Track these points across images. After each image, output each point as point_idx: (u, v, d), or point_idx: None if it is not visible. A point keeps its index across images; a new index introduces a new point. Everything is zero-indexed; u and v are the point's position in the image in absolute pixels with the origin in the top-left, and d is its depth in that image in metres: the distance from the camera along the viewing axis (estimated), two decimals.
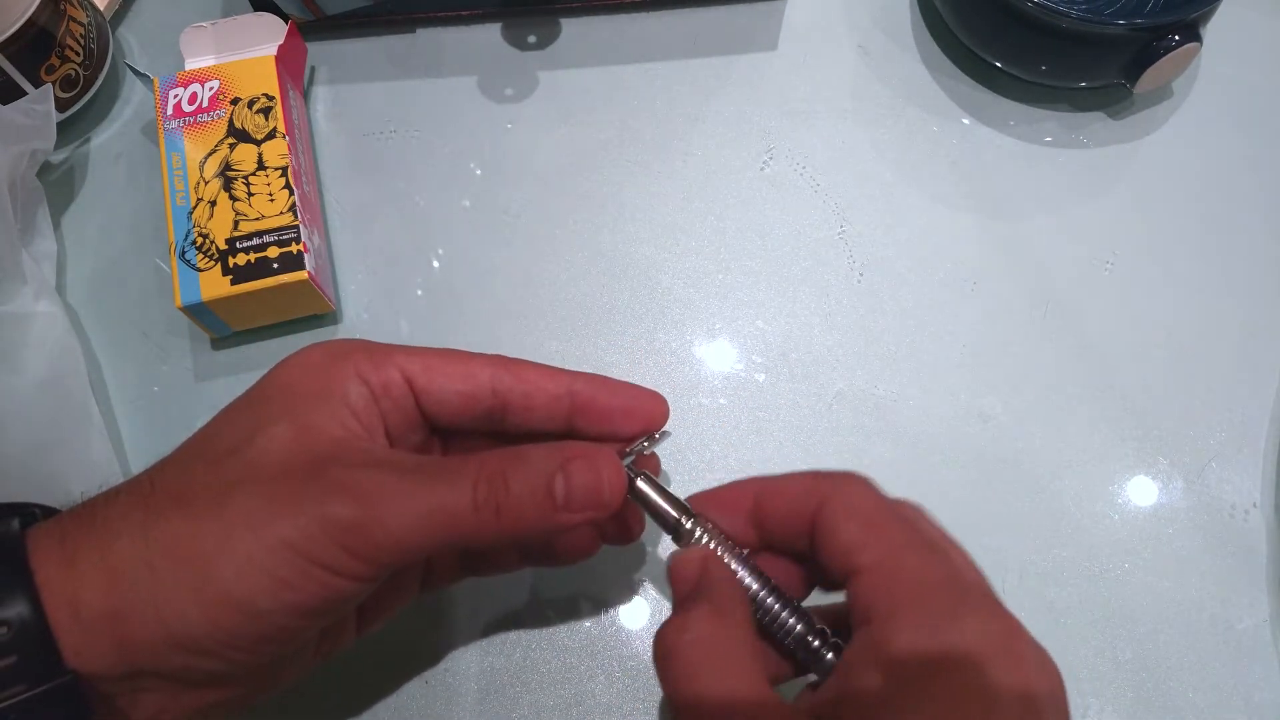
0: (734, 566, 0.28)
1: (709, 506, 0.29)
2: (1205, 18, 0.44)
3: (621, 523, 0.32)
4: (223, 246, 0.39)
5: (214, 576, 0.24)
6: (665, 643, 0.26)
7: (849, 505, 0.26)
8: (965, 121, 0.48)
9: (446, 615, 0.37)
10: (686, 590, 0.27)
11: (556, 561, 0.32)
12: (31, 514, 0.27)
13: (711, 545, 0.28)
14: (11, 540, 0.25)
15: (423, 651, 0.36)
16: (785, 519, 0.28)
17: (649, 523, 0.30)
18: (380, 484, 0.25)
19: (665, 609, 0.37)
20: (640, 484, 0.29)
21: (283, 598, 0.24)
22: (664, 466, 0.39)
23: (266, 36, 0.45)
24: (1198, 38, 0.43)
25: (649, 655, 0.36)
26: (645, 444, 0.30)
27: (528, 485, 0.26)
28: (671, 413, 0.31)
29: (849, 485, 0.27)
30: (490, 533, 0.26)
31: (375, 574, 0.25)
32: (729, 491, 0.30)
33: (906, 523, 0.26)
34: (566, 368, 0.30)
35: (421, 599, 0.33)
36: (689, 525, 0.28)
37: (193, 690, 0.26)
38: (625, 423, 0.30)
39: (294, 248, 0.39)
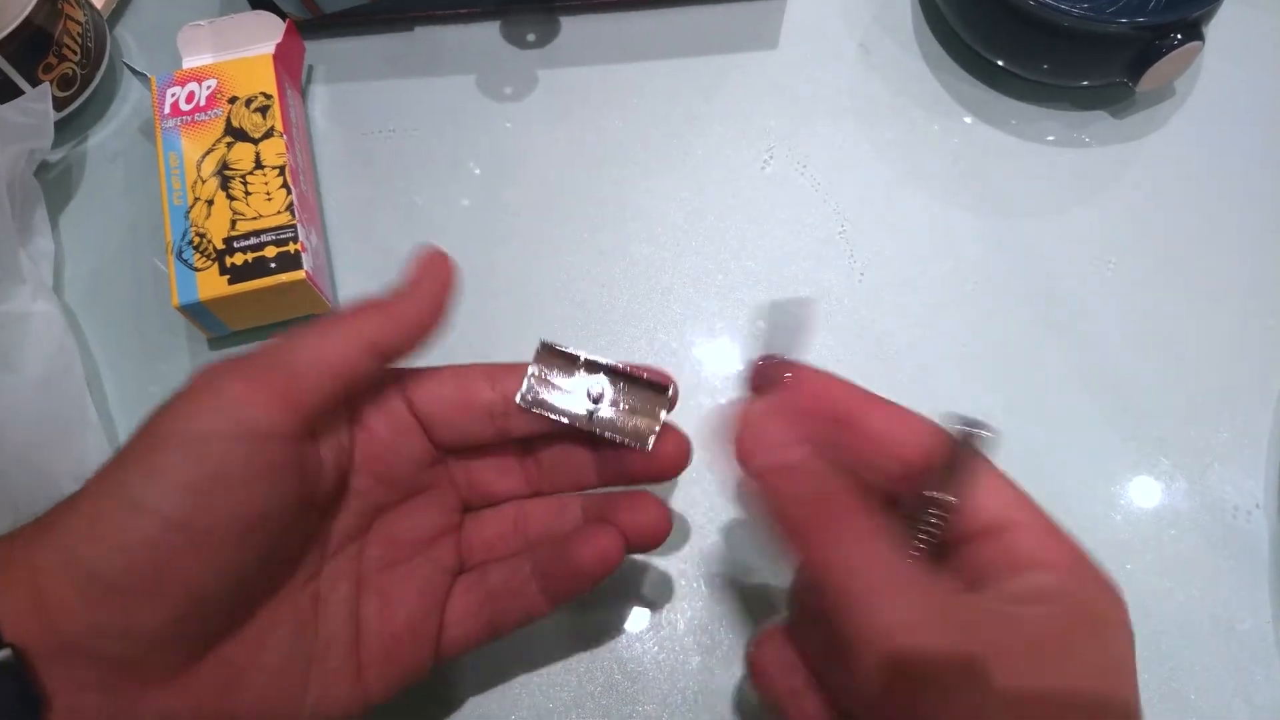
0: None
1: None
2: (1207, 16, 0.44)
3: (641, 518, 0.31)
4: (220, 246, 0.39)
5: (111, 493, 0.24)
6: (849, 555, 0.25)
7: (985, 465, 0.27)
8: (967, 120, 0.48)
9: None
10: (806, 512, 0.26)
11: (581, 579, 0.30)
12: None
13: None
14: None
15: None
16: (892, 448, 0.27)
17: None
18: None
19: (667, 613, 0.37)
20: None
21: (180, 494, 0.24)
22: None
23: (264, 35, 0.44)
24: (1200, 36, 0.43)
25: (649, 658, 0.36)
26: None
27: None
28: (672, 414, 0.31)
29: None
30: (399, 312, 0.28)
31: (294, 422, 0.26)
32: (809, 389, 0.28)
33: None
34: None
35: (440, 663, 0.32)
36: None
37: (132, 681, 0.24)
38: None
39: (291, 247, 0.39)
